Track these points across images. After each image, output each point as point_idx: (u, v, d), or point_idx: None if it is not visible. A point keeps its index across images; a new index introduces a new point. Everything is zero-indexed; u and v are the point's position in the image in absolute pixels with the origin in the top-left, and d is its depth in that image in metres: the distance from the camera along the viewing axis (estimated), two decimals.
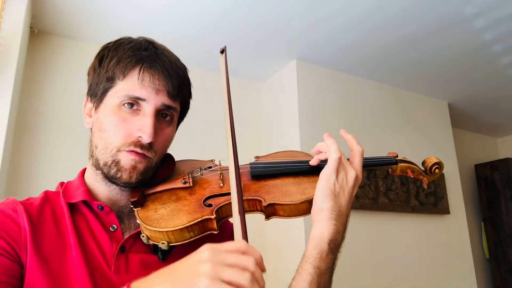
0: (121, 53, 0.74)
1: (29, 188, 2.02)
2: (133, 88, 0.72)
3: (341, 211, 0.70)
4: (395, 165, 0.84)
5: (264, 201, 0.72)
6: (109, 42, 0.79)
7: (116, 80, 0.73)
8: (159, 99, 0.73)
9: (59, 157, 2.13)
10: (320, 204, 0.70)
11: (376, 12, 2.18)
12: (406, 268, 2.68)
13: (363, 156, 0.76)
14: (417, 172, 0.85)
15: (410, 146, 3.01)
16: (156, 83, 0.72)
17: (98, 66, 0.76)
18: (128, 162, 0.72)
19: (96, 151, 0.74)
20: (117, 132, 0.71)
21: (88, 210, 0.74)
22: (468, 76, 2.96)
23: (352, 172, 0.72)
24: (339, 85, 2.83)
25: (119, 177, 0.72)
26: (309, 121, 2.59)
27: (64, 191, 0.77)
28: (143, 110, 0.72)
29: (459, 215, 3.08)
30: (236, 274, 0.49)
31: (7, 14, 1.82)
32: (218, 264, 0.49)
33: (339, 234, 0.70)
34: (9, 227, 0.66)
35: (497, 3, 2.11)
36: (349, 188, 0.72)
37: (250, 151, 2.76)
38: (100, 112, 0.75)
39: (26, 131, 2.11)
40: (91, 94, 0.77)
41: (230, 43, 2.43)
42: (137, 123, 0.72)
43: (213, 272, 0.48)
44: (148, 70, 0.72)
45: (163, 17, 2.17)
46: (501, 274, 3.63)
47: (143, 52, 0.74)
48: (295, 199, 0.72)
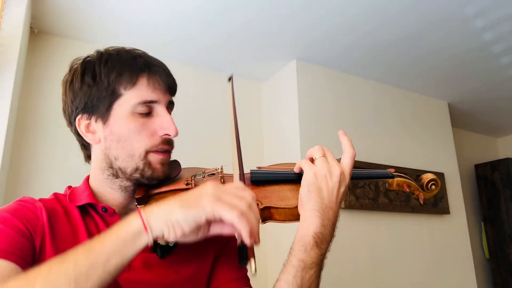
0: (119, 66, 0.77)
1: (29, 188, 2.02)
2: (145, 93, 0.77)
3: (325, 204, 0.72)
4: (391, 179, 0.86)
5: (261, 204, 0.74)
6: (86, 57, 0.82)
7: (122, 91, 0.77)
8: (167, 97, 0.81)
9: (59, 157, 2.13)
10: (304, 199, 0.73)
11: (376, 12, 2.18)
12: (406, 268, 2.68)
13: (353, 158, 0.79)
14: (413, 187, 0.87)
15: (410, 146, 3.01)
16: (162, 85, 0.79)
17: (93, 82, 0.78)
18: (158, 162, 0.78)
19: (117, 162, 0.77)
20: (141, 137, 0.76)
21: (95, 212, 0.78)
22: (468, 76, 2.96)
23: (336, 169, 0.75)
24: (339, 85, 2.83)
25: (156, 176, 0.78)
26: (309, 121, 2.59)
27: (70, 195, 0.80)
28: (156, 111, 0.79)
29: (459, 215, 3.08)
30: (235, 199, 0.59)
31: (7, 14, 1.82)
32: (221, 191, 0.60)
33: (325, 228, 0.71)
34: (28, 215, 0.70)
35: (497, 3, 2.11)
36: (333, 183, 0.74)
37: (250, 151, 2.76)
38: (112, 125, 0.77)
39: (26, 131, 2.11)
40: (88, 112, 0.78)
41: (230, 43, 2.43)
42: (156, 124, 0.78)
43: (216, 193, 0.59)
44: (153, 74, 0.78)
45: (162, 17, 2.17)
46: (501, 274, 3.62)
47: (140, 60, 0.79)
48: (290, 203, 0.75)
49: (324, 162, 0.76)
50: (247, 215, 0.58)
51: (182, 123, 2.87)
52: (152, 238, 0.57)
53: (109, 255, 0.56)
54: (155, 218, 0.58)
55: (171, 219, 0.57)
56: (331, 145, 0.86)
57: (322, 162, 0.76)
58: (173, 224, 0.57)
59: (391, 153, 2.88)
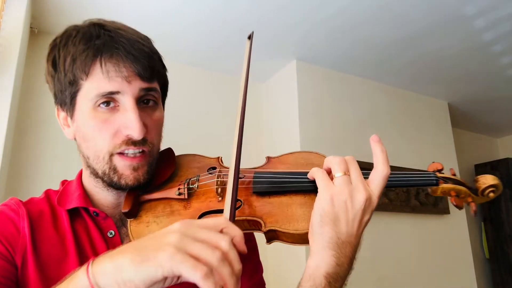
0: (73, 50, 0.64)
1: (29, 188, 2.02)
2: (101, 84, 0.63)
3: (341, 240, 0.58)
4: (435, 186, 0.69)
5: (264, 226, 0.62)
6: (56, 37, 0.69)
7: (80, 81, 0.64)
8: (134, 86, 0.64)
9: (59, 157, 2.13)
10: (315, 228, 0.58)
11: (376, 12, 2.18)
12: (406, 268, 2.68)
13: (386, 179, 0.61)
14: (464, 194, 0.69)
15: (410, 146, 3.01)
16: (124, 71, 0.63)
17: (54, 71, 0.67)
18: (126, 168, 0.66)
19: (90, 161, 0.68)
20: (103, 136, 0.65)
21: (87, 214, 0.71)
22: (468, 76, 2.96)
23: (361, 194, 0.58)
24: (339, 85, 2.83)
25: (124, 184, 0.66)
26: (309, 121, 2.59)
27: (60, 196, 0.72)
28: (121, 104, 0.65)
29: (459, 215, 3.08)
30: (205, 250, 0.45)
31: (7, 14, 1.82)
32: (188, 236, 0.46)
33: (341, 267, 0.58)
34: (7, 230, 0.65)
35: (497, 3, 2.11)
36: (355, 212, 0.58)
37: (250, 151, 2.76)
38: (77, 120, 0.67)
39: (26, 131, 2.11)
40: (59, 103, 0.70)
41: (230, 43, 2.43)
42: (120, 120, 0.64)
43: (180, 243, 0.45)
44: (109, 60, 0.63)
45: (163, 17, 2.17)
46: (501, 274, 3.63)
47: (97, 41, 0.64)
48: (300, 227, 0.61)
49: (345, 183, 0.59)
50: (217, 273, 0.44)
51: (184, 125, 2.85)
52: None
53: None
54: (103, 276, 0.47)
55: (122, 277, 0.46)
56: (331, 145, 0.84)
57: (343, 183, 0.59)
58: (124, 283, 0.46)
59: (391, 153, 2.85)
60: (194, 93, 2.69)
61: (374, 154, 0.62)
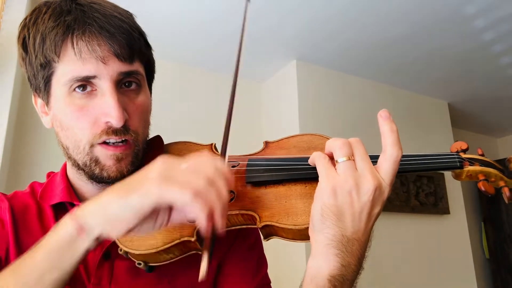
0: (42, 28, 0.57)
1: None
2: (74, 67, 0.56)
3: (347, 236, 0.49)
4: (459, 170, 0.60)
5: (259, 221, 0.55)
6: (26, 16, 0.62)
7: (53, 63, 0.57)
8: (111, 68, 0.57)
9: (59, 157, 2.12)
10: (315, 224, 0.50)
11: (376, 12, 2.18)
12: (406, 268, 2.68)
13: (397, 163, 0.52)
14: (494, 177, 0.58)
15: (410, 147, 3.01)
16: (98, 51, 0.56)
17: (25, 53, 0.60)
18: (108, 158, 0.59)
19: (69, 152, 0.62)
20: (81, 125, 0.58)
21: (72, 208, 0.65)
22: (468, 76, 2.96)
23: (368, 182, 0.49)
24: (339, 85, 2.83)
25: (106, 176, 0.60)
26: (309, 121, 2.59)
27: (43, 191, 0.68)
28: (99, 89, 0.58)
29: (459, 215, 3.08)
30: (191, 175, 0.43)
31: (7, 14, 1.82)
32: (173, 168, 0.44)
33: (347, 268, 0.49)
34: None
35: (497, 3, 2.11)
36: (362, 205, 0.49)
37: (250, 151, 2.76)
38: (53, 107, 0.61)
39: (26, 131, 2.11)
40: (35, 89, 0.63)
41: (230, 43, 2.42)
42: (99, 106, 0.57)
43: (165, 171, 0.43)
44: (81, 38, 0.56)
45: (163, 17, 2.17)
46: (501, 274, 3.62)
47: (67, 17, 0.57)
48: (300, 222, 0.53)
49: (350, 170, 0.50)
50: (205, 193, 0.42)
51: (183, 126, 2.85)
52: (93, 240, 0.46)
53: (42, 272, 0.46)
54: (91, 216, 0.45)
55: (109, 213, 0.44)
56: None
57: (347, 169, 0.50)
58: (112, 218, 0.44)
59: None
60: (201, 93, 2.69)
61: (383, 134, 0.54)
